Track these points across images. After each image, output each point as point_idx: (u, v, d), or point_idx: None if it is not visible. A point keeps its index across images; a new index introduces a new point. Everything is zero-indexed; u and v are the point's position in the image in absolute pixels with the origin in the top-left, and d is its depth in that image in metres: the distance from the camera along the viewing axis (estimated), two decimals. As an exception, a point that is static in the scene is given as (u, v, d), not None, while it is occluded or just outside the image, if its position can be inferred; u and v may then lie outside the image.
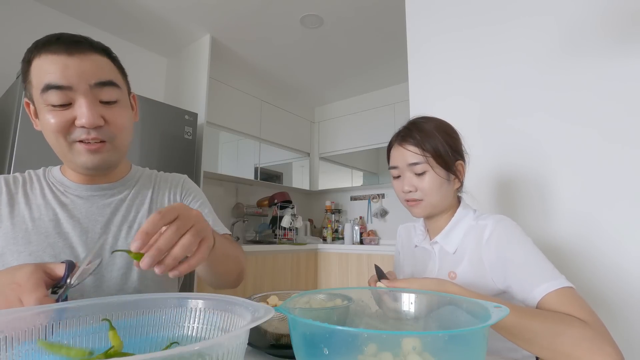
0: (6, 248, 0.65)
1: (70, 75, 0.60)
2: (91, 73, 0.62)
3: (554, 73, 1.24)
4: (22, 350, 0.35)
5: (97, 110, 0.63)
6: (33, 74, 0.61)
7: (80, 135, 0.63)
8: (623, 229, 1.07)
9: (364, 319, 0.54)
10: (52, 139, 0.64)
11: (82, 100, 0.61)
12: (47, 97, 0.60)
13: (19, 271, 0.47)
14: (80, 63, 0.61)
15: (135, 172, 0.82)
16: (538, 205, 1.23)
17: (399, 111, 3.20)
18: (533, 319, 0.58)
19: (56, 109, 0.61)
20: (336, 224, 3.63)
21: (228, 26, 2.48)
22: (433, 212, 0.83)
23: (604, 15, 1.16)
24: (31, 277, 0.46)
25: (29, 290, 0.44)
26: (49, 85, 0.59)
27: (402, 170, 0.83)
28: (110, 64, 0.67)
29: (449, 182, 0.82)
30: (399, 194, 0.86)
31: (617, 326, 0.99)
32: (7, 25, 2.09)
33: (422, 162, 0.79)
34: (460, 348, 0.33)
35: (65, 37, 0.62)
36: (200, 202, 0.86)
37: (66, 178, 0.73)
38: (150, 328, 0.44)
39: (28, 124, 1.61)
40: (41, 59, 0.60)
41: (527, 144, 1.28)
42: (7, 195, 0.69)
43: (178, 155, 2.23)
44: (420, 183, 0.80)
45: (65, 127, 0.62)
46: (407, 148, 0.81)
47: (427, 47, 1.61)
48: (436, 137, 0.80)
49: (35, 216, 0.68)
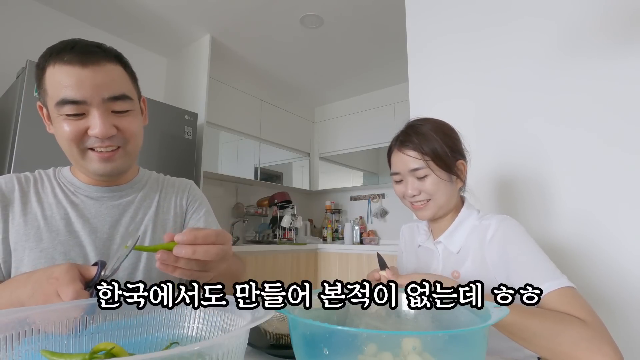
0: (18, 244, 0.67)
1: (85, 89, 0.62)
2: (105, 86, 0.64)
3: (554, 74, 1.24)
4: (22, 350, 0.35)
5: (110, 120, 0.65)
6: (48, 83, 0.63)
7: (93, 143, 0.65)
8: (624, 229, 1.07)
9: (364, 319, 0.54)
10: (66, 146, 0.66)
11: (95, 112, 0.64)
12: (63, 109, 0.63)
13: (56, 268, 0.49)
14: (94, 75, 0.63)
15: (143, 175, 0.85)
16: (539, 205, 1.23)
17: (399, 111, 3.20)
18: (532, 319, 0.58)
19: (70, 118, 0.63)
20: (336, 224, 3.63)
21: (228, 26, 2.48)
22: (439, 213, 0.83)
23: (604, 17, 1.16)
24: (68, 272, 0.47)
25: (66, 282, 0.46)
26: (65, 100, 0.62)
27: (404, 175, 0.83)
28: (123, 73, 0.69)
29: (451, 183, 0.82)
30: (402, 198, 0.86)
31: (617, 326, 0.99)
32: (7, 26, 2.09)
33: (423, 167, 0.79)
34: (460, 348, 0.33)
35: (79, 46, 0.63)
36: (205, 210, 0.89)
37: (76, 179, 0.75)
38: (150, 328, 0.45)
39: (28, 124, 1.61)
40: (55, 69, 0.62)
41: (528, 144, 1.27)
42: (19, 192, 0.70)
43: (178, 155, 2.23)
44: (423, 186, 0.80)
45: (79, 135, 0.64)
46: (406, 153, 0.81)
47: (428, 48, 1.61)
48: (435, 139, 0.79)
49: (47, 214, 0.70)
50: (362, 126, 3.49)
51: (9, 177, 0.72)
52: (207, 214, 0.88)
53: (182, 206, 0.86)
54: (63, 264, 0.50)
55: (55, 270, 0.48)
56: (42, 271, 0.51)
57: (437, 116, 0.88)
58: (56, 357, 0.33)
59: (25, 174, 0.75)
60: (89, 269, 0.50)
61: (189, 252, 0.47)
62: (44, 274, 0.50)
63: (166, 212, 0.83)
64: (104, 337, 0.41)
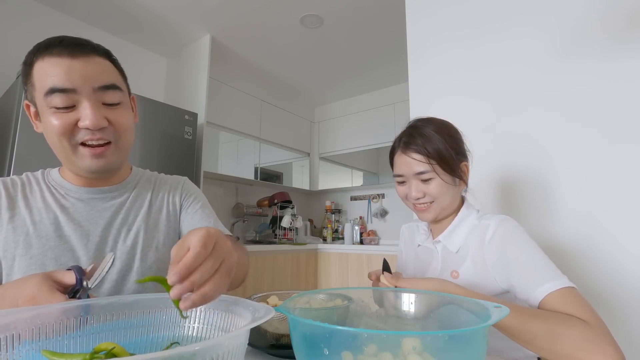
0: (7, 252, 0.65)
1: (75, 78, 0.60)
2: (95, 76, 0.62)
3: (554, 72, 1.24)
4: (23, 350, 0.35)
5: (101, 112, 0.63)
6: (36, 77, 0.61)
7: (84, 136, 0.63)
8: (624, 229, 1.07)
9: (364, 319, 0.54)
10: (56, 142, 0.63)
11: (86, 102, 0.62)
12: (51, 100, 0.60)
13: (26, 283, 0.47)
14: (83, 66, 0.61)
15: (136, 174, 0.82)
16: (540, 205, 1.23)
17: (399, 111, 3.20)
18: (533, 320, 0.58)
19: (60, 111, 0.61)
20: (336, 224, 3.63)
21: (228, 26, 2.48)
22: (441, 215, 0.83)
23: (604, 15, 1.16)
24: (42, 286, 0.45)
25: (46, 299, 0.44)
26: (53, 88, 0.59)
27: (408, 178, 0.82)
28: (112, 67, 0.68)
29: (455, 185, 0.82)
30: (404, 199, 0.86)
31: (617, 326, 0.99)
32: (7, 26, 2.09)
33: (429, 171, 0.78)
34: (460, 348, 0.33)
35: (67, 40, 0.62)
36: (201, 204, 0.86)
37: (66, 181, 0.73)
38: (151, 328, 0.45)
39: (28, 125, 1.61)
40: (44, 62, 0.60)
41: (528, 143, 1.27)
42: (6, 198, 0.68)
43: (178, 155, 2.23)
44: (427, 189, 0.80)
45: (69, 129, 0.62)
46: (411, 156, 0.80)
47: (427, 46, 1.61)
48: (439, 141, 0.79)
49: (36, 220, 0.68)
50: (362, 126, 3.48)
51: None
52: (203, 207, 0.85)
53: (174, 203, 0.83)
54: (33, 276, 0.47)
55: (26, 287, 0.45)
56: (13, 287, 0.48)
57: (438, 113, 0.87)
58: (57, 357, 0.33)
59: (12, 177, 0.72)
60: (65, 274, 0.47)
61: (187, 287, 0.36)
62: (15, 291, 0.47)
63: (158, 211, 0.80)
64: (104, 337, 0.41)
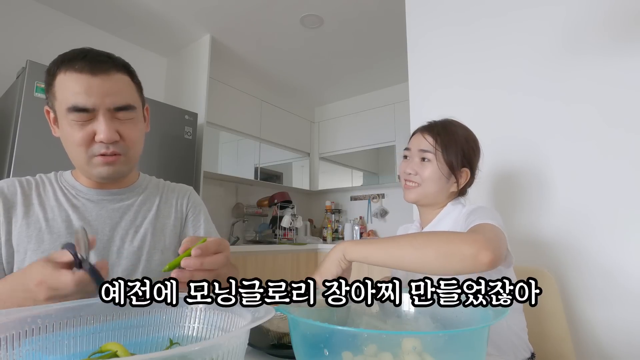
0: (20, 246, 0.69)
1: (94, 97, 0.66)
2: (112, 94, 0.68)
3: (554, 72, 1.24)
4: (23, 351, 0.35)
5: (114, 126, 0.70)
6: (57, 88, 0.67)
7: (99, 150, 0.69)
8: (619, 225, 1.07)
9: (364, 318, 0.54)
10: (73, 150, 0.70)
11: (101, 117, 0.68)
12: (71, 115, 0.67)
13: (30, 270, 0.50)
14: (102, 84, 0.67)
15: (143, 180, 0.88)
16: (535, 201, 1.24)
17: (399, 111, 3.20)
18: (400, 249, 0.62)
19: (78, 123, 0.68)
20: (336, 224, 3.63)
21: (228, 26, 2.48)
22: (423, 201, 0.88)
23: (606, 13, 1.16)
24: (45, 269, 0.48)
25: (55, 278, 0.46)
26: (75, 107, 0.66)
27: (412, 153, 0.88)
28: (130, 83, 0.74)
29: (447, 180, 0.85)
30: (401, 174, 0.91)
31: (612, 320, 1.00)
32: (7, 26, 2.08)
33: (431, 152, 0.84)
34: (460, 348, 0.33)
35: (90, 55, 0.68)
36: (204, 217, 0.92)
37: (78, 182, 0.78)
38: (151, 328, 0.45)
39: (28, 124, 1.61)
40: (66, 76, 0.66)
41: (526, 140, 1.28)
42: (22, 196, 0.73)
43: (178, 155, 2.23)
44: (422, 169, 0.85)
45: (87, 141, 0.68)
46: (424, 135, 0.87)
47: (427, 44, 1.62)
48: (455, 139, 0.84)
49: (49, 217, 0.73)
50: (362, 126, 3.48)
51: (10, 181, 0.74)
52: (206, 221, 0.92)
53: (182, 211, 0.90)
54: (33, 264, 0.50)
55: (33, 274, 0.48)
56: (22, 279, 0.51)
57: (438, 114, 0.91)
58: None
59: (27, 177, 0.77)
60: (60, 254, 0.50)
61: (197, 263, 0.53)
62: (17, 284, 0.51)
63: (166, 217, 0.86)
64: (104, 337, 0.41)
